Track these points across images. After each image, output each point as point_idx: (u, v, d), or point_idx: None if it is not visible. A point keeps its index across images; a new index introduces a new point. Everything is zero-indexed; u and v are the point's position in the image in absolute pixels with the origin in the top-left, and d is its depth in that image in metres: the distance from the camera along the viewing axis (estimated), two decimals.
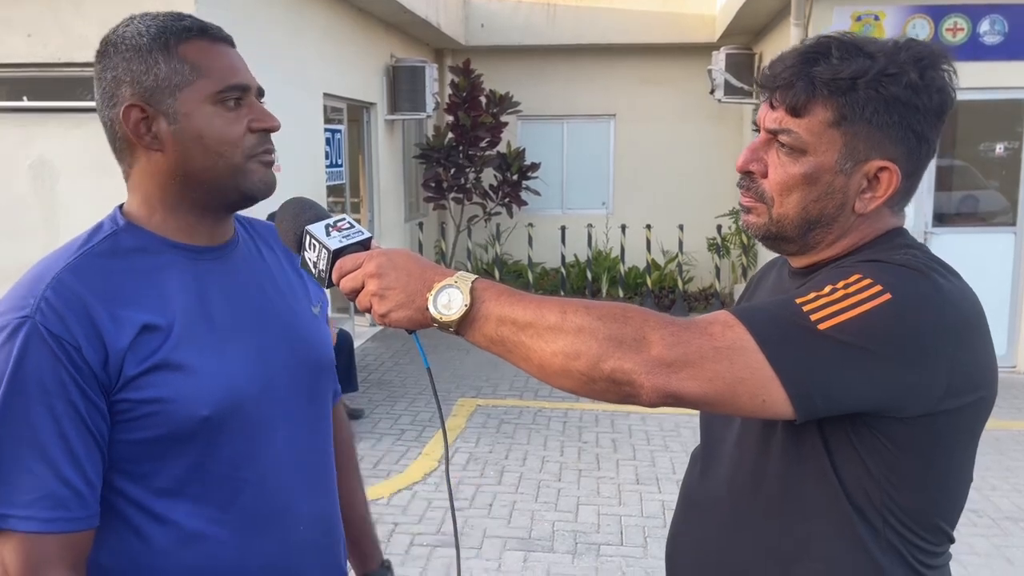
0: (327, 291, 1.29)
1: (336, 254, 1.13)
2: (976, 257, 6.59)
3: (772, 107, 1.15)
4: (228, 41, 1.21)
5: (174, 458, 1.13)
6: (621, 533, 4.05)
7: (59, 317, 1.06)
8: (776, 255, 1.33)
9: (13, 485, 1.04)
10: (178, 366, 1.12)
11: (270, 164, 1.22)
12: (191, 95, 1.15)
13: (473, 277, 1.07)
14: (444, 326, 1.07)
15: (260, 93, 1.22)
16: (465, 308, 1.05)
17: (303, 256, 1.18)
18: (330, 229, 1.15)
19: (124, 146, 1.18)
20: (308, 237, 1.15)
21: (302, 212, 1.18)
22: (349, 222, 1.17)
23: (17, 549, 1.04)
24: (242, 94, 1.18)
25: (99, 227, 1.20)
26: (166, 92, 1.14)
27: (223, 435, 1.16)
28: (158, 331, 1.12)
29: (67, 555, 1.07)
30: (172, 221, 1.20)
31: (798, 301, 1.04)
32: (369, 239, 1.16)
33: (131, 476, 1.13)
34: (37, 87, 5.32)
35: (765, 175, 1.17)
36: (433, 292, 1.06)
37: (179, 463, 1.14)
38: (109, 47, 1.17)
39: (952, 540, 1.17)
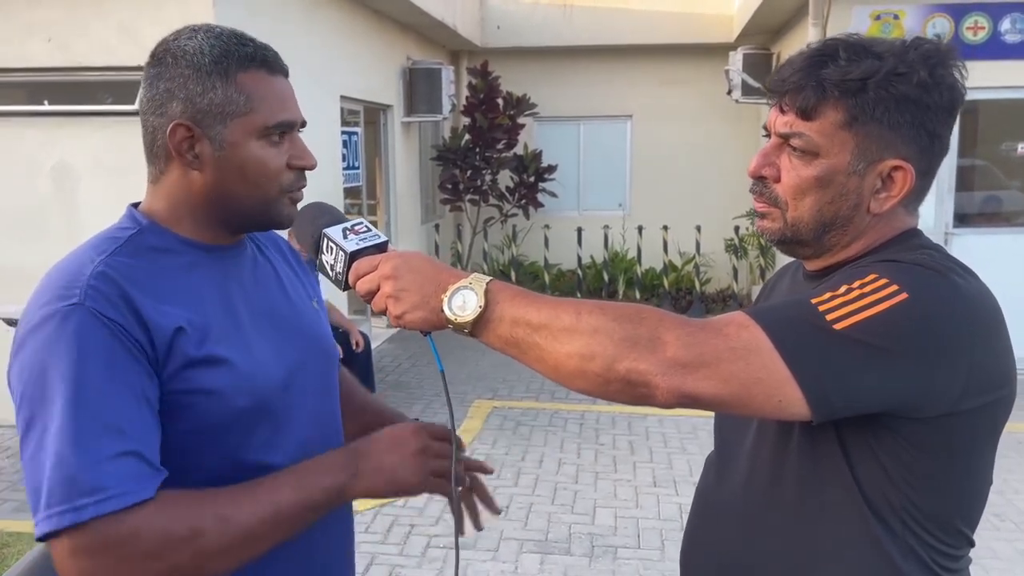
0: (325, 289, 1.30)
1: (353, 256, 1.15)
2: (998, 257, 6.50)
3: (782, 111, 1.15)
4: (284, 72, 1.23)
5: (210, 450, 1.15)
6: (638, 536, 4.04)
7: (109, 302, 1.07)
8: (791, 259, 1.32)
9: (96, 467, 1.01)
10: (217, 360, 1.14)
11: (297, 201, 1.24)
12: (240, 126, 1.16)
13: (488, 279, 1.07)
14: (459, 327, 1.07)
15: (302, 125, 1.25)
16: (479, 309, 1.06)
17: (320, 259, 1.20)
18: (347, 232, 1.17)
19: (161, 154, 1.19)
20: (325, 240, 1.17)
21: (320, 216, 1.21)
22: (366, 226, 1.19)
23: (100, 534, 1.00)
24: (288, 129, 1.20)
25: (120, 228, 1.20)
26: (217, 118, 1.15)
27: (254, 428, 1.18)
28: (196, 327, 1.13)
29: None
30: (195, 228, 1.21)
31: (813, 301, 1.04)
32: (385, 243, 1.18)
33: (169, 470, 1.12)
34: (58, 91, 5.37)
35: (778, 179, 1.17)
36: (448, 294, 1.07)
37: (214, 455, 1.15)
38: (168, 56, 1.16)
39: (972, 543, 1.16)
